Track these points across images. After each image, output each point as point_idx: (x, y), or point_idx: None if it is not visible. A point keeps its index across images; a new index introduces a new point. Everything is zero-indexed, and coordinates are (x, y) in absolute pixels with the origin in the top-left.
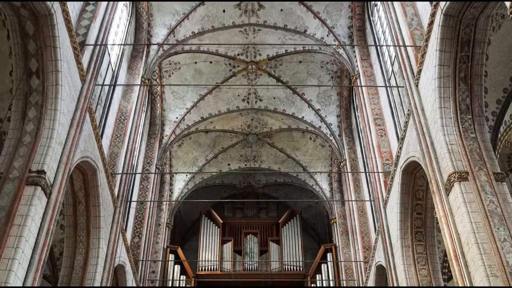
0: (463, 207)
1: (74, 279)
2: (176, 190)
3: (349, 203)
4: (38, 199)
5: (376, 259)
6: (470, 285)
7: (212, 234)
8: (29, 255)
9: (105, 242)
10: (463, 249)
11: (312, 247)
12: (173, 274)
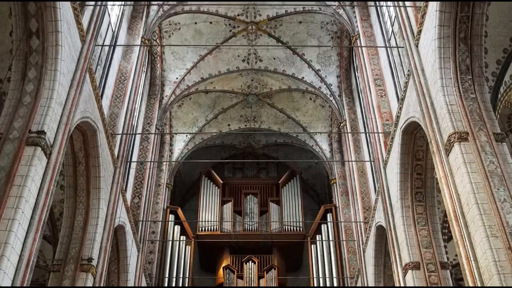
0: (463, 167)
1: (74, 239)
2: (176, 151)
3: (349, 163)
4: (38, 160)
5: (376, 220)
6: (470, 244)
7: (212, 195)
8: (29, 215)
9: (105, 203)
10: (463, 209)
11: (312, 208)
12: (173, 234)
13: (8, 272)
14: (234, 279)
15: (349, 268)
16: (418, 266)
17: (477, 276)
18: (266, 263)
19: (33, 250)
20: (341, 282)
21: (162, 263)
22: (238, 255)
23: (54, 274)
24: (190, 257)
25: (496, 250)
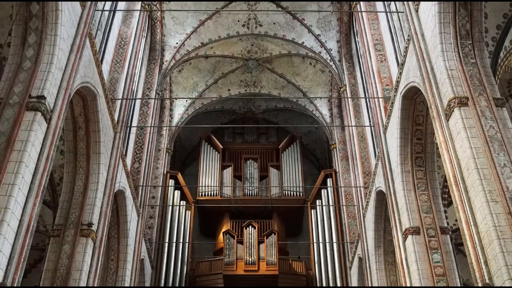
0: (463, 132)
1: (74, 204)
2: (176, 116)
3: (349, 128)
4: (38, 125)
5: (376, 185)
6: (470, 209)
7: (212, 160)
8: (29, 180)
9: (105, 168)
10: (463, 174)
11: (312, 173)
12: (173, 199)
13: (8, 237)
14: (234, 244)
15: (349, 233)
16: (418, 231)
17: (477, 241)
18: (266, 228)
19: (33, 215)
20: (341, 247)
21: (162, 228)
22: (238, 220)
23: (54, 239)
24: (190, 222)
25: (496, 215)
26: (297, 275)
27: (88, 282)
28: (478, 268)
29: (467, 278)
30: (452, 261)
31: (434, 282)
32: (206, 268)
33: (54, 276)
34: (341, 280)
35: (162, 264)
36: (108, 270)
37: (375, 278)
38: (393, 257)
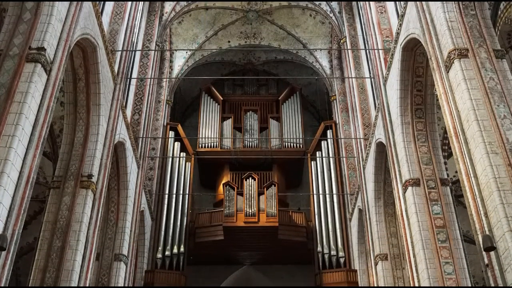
0: (463, 84)
1: (74, 156)
2: (176, 67)
3: (349, 80)
4: (38, 76)
5: (376, 136)
6: (470, 161)
7: (212, 111)
8: (29, 132)
9: (105, 119)
10: (463, 126)
11: (312, 124)
12: (173, 151)
13: (8, 188)
14: (234, 195)
15: (349, 184)
16: (418, 182)
17: (477, 193)
18: (266, 179)
19: (33, 166)
20: (341, 198)
21: (162, 180)
22: (238, 172)
23: (54, 191)
24: (190, 174)
25: (496, 166)
26: (297, 227)
27: (88, 234)
28: (478, 219)
29: (467, 230)
30: (452, 213)
31: (434, 233)
32: (206, 219)
33: (54, 228)
34: (341, 232)
35: (162, 216)
36: (108, 222)
37: (375, 229)
38: (393, 209)
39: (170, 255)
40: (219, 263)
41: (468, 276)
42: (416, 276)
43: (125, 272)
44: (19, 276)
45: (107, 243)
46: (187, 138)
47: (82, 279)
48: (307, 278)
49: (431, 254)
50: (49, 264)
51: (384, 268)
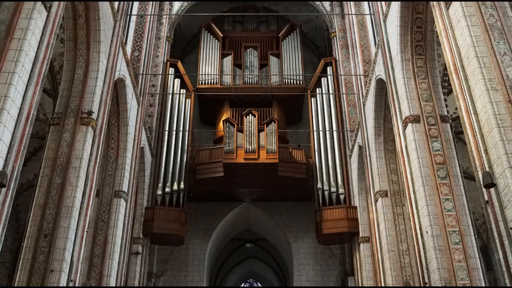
0: (463, 20)
1: (74, 92)
2: (176, 4)
3: (349, 16)
4: (38, 13)
5: (376, 73)
6: (470, 98)
7: (212, 48)
8: (29, 69)
9: (105, 56)
10: (463, 62)
11: (312, 61)
12: (173, 87)
13: (8, 125)
14: (234, 132)
15: (349, 121)
16: (418, 119)
17: (477, 130)
18: (266, 116)
19: (33, 103)
20: (341, 135)
21: (162, 116)
22: (238, 109)
23: (54, 128)
24: (190, 111)
25: (496, 103)
26: (297, 164)
27: (88, 171)
28: (478, 156)
29: (467, 167)
30: (452, 149)
31: (434, 170)
32: (206, 156)
33: (54, 165)
34: (341, 169)
35: (162, 152)
36: (108, 158)
37: (375, 166)
38: (393, 145)
39: (170, 192)
40: (219, 200)
41: (468, 213)
42: (416, 213)
43: (125, 209)
44: (19, 212)
45: (107, 180)
46: (187, 75)
47: (82, 216)
48: (307, 214)
49: (431, 191)
50: (49, 200)
51: (384, 204)
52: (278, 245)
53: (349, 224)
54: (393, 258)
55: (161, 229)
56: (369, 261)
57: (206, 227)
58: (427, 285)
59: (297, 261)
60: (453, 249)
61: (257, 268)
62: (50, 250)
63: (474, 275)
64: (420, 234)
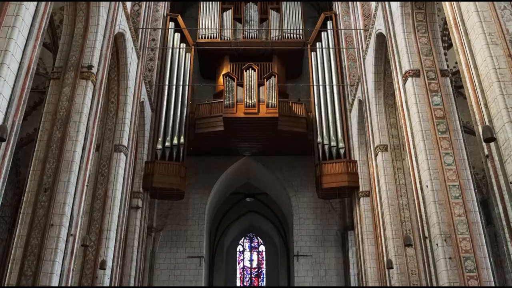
0: None
1: (74, 47)
2: None
3: None
4: None
5: (376, 27)
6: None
7: (212, 2)
8: (29, 22)
9: (105, 10)
10: (463, 17)
11: (312, 15)
12: (173, 42)
13: (8, 79)
14: (234, 86)
15: (349, 75)
16: (418, 73)
17: (477, 84)
18: (266, 70)
19: (33, 57)
20: (341, 89)
21: (162, 71)
22: (238, 63)
23: (54, 82)
24: (190, 65)
25: (496, 57)
26: (297, 118)
27: (88, 125)
28: (478, 110)
29: (467, 121)
30: (452, 104)
31: (434, 124)
32: (206, 110)
33: (54, 119)
34: (341, 123)
35: (162, 107)
36: (108, 113)
37: (375, 120)
38: (393, 100)
39: (170, 146)
40: (219, 154)
41: (468, 167)
42: (416, 167)
43: (125, 163)
44: (19, 167)
45: (107, 134)
46: (187, 29)
47: (82, 170)
48: (307, 169)
49: (431, 145)
50: (49, 155)
51: (384, 159)
52: (278, 199)
53: (349, 178)
54: (393, 212)
55: (161, 183)
56: (369, 215)
57: (206, 181)
58: (427, 239)
59: (297, 215)
60: (453, 203)
61: (257, 222)
62: (50, 204)
63: (474, 229)
64: (420, 188)
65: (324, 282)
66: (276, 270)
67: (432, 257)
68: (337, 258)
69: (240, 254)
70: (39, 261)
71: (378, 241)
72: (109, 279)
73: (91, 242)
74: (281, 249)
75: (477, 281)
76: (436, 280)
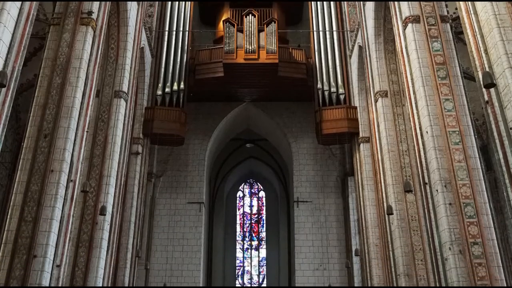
0: None
1: None
2: None
3: None
4: None
5: None
6: None
7: None
8: None
9: None
10: None
11: None
12: None
13: (8, 25)
14: (234, 32)
15: (349, 21)
16: (418, 19)
17: (477, 30)
18: (266, 16)
19: (33, 3)
20: (341, 35)
21: (162, 17)
22: (238, 9)
23: (54, 28)
24: (190, 11)
25: (496, 3)
26: (297, 64)
27: (88, 71)
28: (478, 56)
29: (467, 67)
30: (452, 50)
31: (434, 70)
32: (206, 56)
33: (54, 65)
34: (341, 69)
35: (162, 53)
36: (108, 59)
37: (375, 66)
38: (393, 46)
39: (170, 92)
40: (219, 100)
41: (468, 113)
42: (416, 113)
43: (125, 109)
44: (19, 113)
45: (107, 80)
46: None
47: (82, 116)
48: (307, 114)
49: (431, 91)
50: (49, 101)
51: (384, 105)
52: (278, 145)
53: (349, 124)
54: (393, 158)
55: (161, 129)
56: (369, 161)
57: (206, 127)
58: (427, 185)
59: (297, 161)
60: (453, 149)
61: (257, 168)
62: (50, 150)
63: (474, 175)
64: (420, 134)
65: (324, 228)
66: (276, 216)
67: (432, 203)
68: (337, 204)
69: (240, 200)
70: (39, 207)
71: (378, 187)
72: (109, 225)
73: (91, 188)
74: (281, 195)
75: (477, 227)
76: (436, 226)
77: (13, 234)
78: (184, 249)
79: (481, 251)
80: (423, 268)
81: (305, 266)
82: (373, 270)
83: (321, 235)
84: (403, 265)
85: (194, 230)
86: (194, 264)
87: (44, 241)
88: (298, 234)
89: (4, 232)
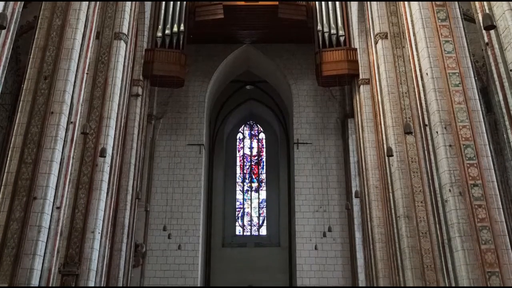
0: None
1: None
2: None
3: None
4: None
5: None
6: None
7: None
8: None
9: None
10: None
11: None
12: None
13: None
14: None
15: None
16: None
17: None
18: None
19: None
20: None
21: None
22: None
23: None
24: None
25: None
26: (297, 5)
27: (88, 12)
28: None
29: (467, 9)
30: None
31: (434, 12)
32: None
33: (54, 7)
34: (341, 10)
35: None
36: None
37: (375, 8)
38: None
39: (170, 34)
40: (219, 42)
41: (468, 55)
42: (416, 55)
43: (125, 51)
44: (19, 55)
45: (107, 22)
46: None
47: (82, 58)
48: (307, 56)
49: (431, 33)
50: (49, 43)
51: (384, 46)
52: (278, 87)
53: (349, 66)
54: (393, 100)
55: (161, 71)
56: (369, 103)
57: (206, 69)
58: (427, 126)
59: (297, 103)
60: (453, 91)
61: (257, 110)
62: (50, 92)
63: (474, 117)
64: (420, 76)
65: (324, 170)
66: (276, 158)
67: (432, 144)
68: (337, 146)
69: (240, 141)
70: (39, 148)
71: (378, 129)
72: (109, 167)
73: (91, 130)
74: (281, 137)
75: (477, 169)
76: (436, 168)
77: (13, 176)
78: (184, 191)
79: (481, 193)
80: (423, 210)
81: (305, 208)
82: (373, 212)
83: (321, 177)
84: (403, 207)
85: (194, 172)
86: (194, 206)
87: (44, 183)
88: (298, 176)
89: (4, 174)
